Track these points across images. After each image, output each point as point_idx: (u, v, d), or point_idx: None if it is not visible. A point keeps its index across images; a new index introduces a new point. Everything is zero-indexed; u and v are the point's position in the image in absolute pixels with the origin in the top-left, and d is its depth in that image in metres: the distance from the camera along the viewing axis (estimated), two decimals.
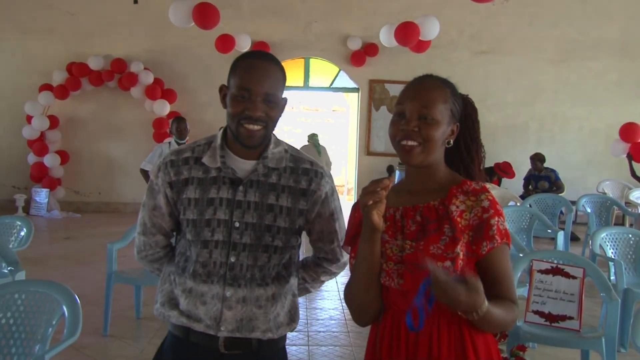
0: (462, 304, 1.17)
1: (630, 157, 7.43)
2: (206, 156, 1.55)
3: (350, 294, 1.42)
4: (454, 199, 1.33)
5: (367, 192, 1.28)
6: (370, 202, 1.27)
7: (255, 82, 1.46)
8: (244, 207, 1.52)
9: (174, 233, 1.68)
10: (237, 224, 1.52)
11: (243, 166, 1.55)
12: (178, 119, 6.02)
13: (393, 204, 1.38)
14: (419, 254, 1.31)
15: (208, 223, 1.52)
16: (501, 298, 1.30)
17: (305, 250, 1.93)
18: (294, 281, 1.64)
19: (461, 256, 1.29)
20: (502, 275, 1.32)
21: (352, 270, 1.41)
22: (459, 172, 1.45)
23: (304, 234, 1.68)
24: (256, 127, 1.48)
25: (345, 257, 1.70)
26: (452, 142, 1.40)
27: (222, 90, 1.55)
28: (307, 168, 1.60)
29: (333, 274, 1.75)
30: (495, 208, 1.31)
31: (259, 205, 1.53)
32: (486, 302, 1.20)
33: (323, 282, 1.77)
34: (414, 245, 1.33)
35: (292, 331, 1.65)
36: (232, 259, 1.52)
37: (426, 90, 1.37)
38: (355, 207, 1.47)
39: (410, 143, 1.34)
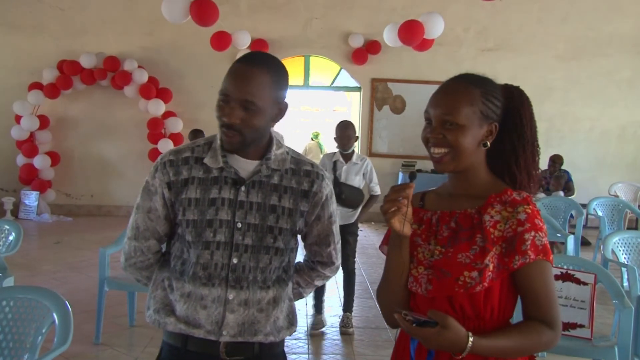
0: (435, 346, 1.25)
1: None
2: (208, 157, 1.58)
3: (379, 295, 1.48)
4: (490, 208, 1.34)
5: (388, 200, 1.33)
6: (391, 210, 1.32)
7: (232, 88, 1.49)
8: (246, 207, 1.55)
9: (166, 239, 1.68)
10: (239, 225, 1.54)
11: (245, 166, 1.58)
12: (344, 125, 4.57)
13: (432, 207, 1.43)
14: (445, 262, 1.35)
15: (210, 223, 1.53)
16: (532, 320, 1.31)
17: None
18: (290, 285, 1.68)
19: (490, 268, 1.29)
20: (537, 293, 1.31)
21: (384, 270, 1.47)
22: (502, 174, 1.43)
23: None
24: (231, 134, 1.51)
25: (339, 260, 1.77)
26: (489, 143, 1.39)
27: None
28: (308, 170, 1.63)
29: (326, 278, 1.80)
30: (532, 222, 1.30)
31: (262, 206, 1.56)
32: (470, 339, 1.23)
33: (316, 286, 1.82)
34: (444, 251, 1.35)
35: (291, 335, 1.69)
36: (235, 261, 1.54)
37: (449, 95, 1.37)
38: None
39: (438, 150, 1.36)
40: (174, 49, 9.11)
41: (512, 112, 1.42)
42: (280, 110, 1.59)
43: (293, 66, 9.48)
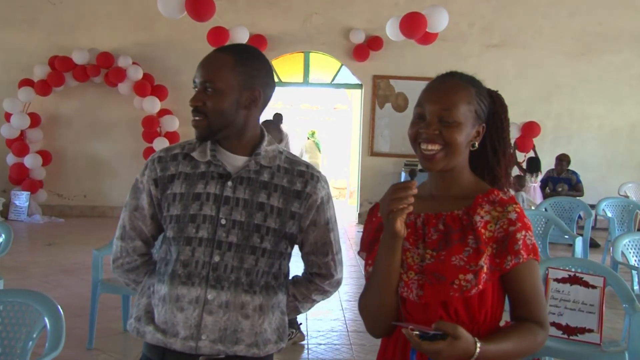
0: (446, 359, 1.19)
1: (515, 146, 8.36)
2: (196, 151, 1.58)
3: (364, 304, 1.43)
4: (479, 209, 1.35)
5: (394, 198, 1.29)
6: (396, 209, 1.29)
7: (197, 74, 1.57)
8: (232, 203, 1.53)
9: (154, 243, 1.67)
10: (223, 221, 1.52)
11: (234, 162, 1.58)
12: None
13: (414, 210, 1.39)
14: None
15: (193, 219, 1.52)
16: (524, 321, 1.33)
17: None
18: (283, 297, 1.63)
19: (485, 269, 1.30)
20: (528, 293, 1.33)
21: (367, 278, 1.43)
22: (483, 175, 1.46)
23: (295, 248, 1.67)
24: (196, 118, 1.55)
25: (340, 274, 1.70)
26: (477, 144, 1.41)
27: None
28: (302, 170, 1.61)
29: (326, 293, 1.71)
30: (522, 221, 1.32)
31: (249, 203, 1.54)
32: (478, 344, 1.22)
33: (315, 301, 1.74)
34: (435, 255, 1.34)
35: (279, 351, 1.62)
36: (216, 259, 1.52)
37: (448, 91, 1.38)
38: (373, 211, 1.49)
39: (431, 147, 1.36)
40: (169, 45, 9.11)
41: (494, 115, 1.45)
42: (254, 97, 1.56)
43: (292, 63, 9.47)
